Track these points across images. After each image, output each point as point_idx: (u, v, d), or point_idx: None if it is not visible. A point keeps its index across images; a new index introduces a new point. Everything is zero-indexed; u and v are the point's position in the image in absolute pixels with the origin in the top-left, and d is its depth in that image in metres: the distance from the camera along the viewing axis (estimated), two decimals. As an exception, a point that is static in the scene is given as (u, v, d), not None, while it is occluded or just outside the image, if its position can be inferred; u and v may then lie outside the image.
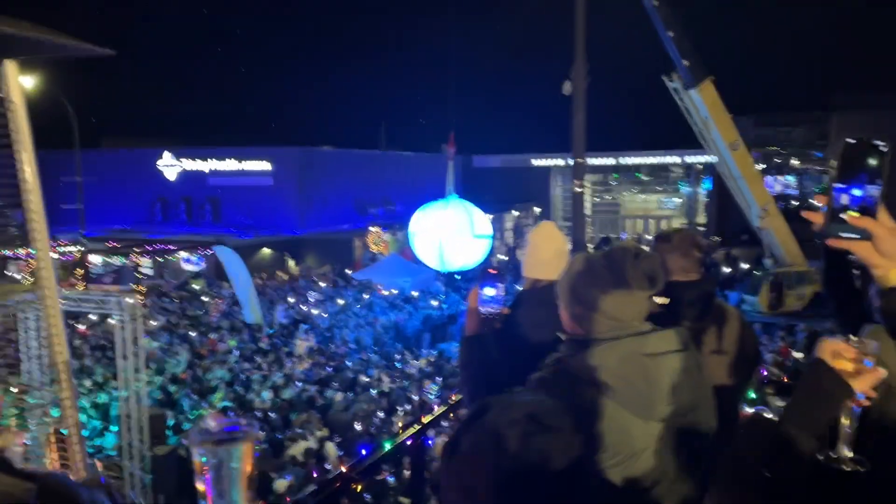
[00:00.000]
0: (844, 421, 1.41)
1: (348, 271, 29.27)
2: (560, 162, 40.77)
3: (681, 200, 44.38)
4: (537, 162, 43.28)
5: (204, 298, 23.92)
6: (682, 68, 19.54)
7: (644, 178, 45.15)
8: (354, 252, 32.18)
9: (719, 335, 2.40)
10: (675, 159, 41.36)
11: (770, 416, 1.82)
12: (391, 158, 39.74)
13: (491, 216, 38.64)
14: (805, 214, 1.36)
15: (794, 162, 42.73)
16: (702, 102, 19.94)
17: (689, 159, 39.91)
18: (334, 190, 34.87)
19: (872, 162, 1.19)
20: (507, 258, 34.12)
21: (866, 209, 1.21)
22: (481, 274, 2.36)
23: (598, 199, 45.89)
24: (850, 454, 1.40)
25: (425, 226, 12.07)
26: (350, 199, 35.81)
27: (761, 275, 23.64)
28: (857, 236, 1.22)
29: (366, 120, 60.16)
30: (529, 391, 1.73)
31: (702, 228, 41.73)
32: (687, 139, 24.13)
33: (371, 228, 32.87)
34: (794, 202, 37.93)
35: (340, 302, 22.44)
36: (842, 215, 1.21)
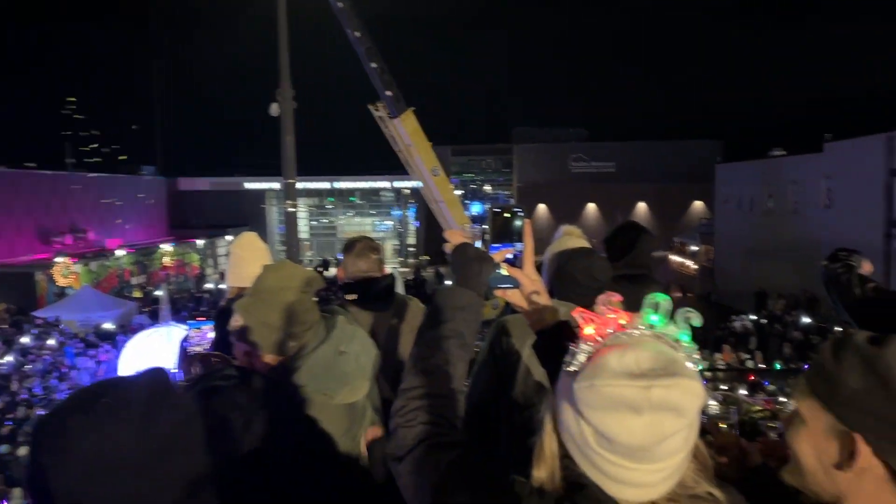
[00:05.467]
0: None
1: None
2: (275, 185, 40.36)
3: (392, 223, 46.73)
4: (250, 185, 42.34)
5: None
6: (386, 98, 20.75)
7: (358, 201, 46.73)
8: (37, 287, 28.11)
9: (401, 318, 2.93)
10: (386, 184, 43.54)
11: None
12: (79, 180, 35.46)
13: (203, 241, 36.78)
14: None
15: (487, 188, 47.73)
16: (404, 131, 21.35)
17: (398, 184, 42.28)
18: (10, 217, 30.18)
19: (516, 223, 1.47)
20: (224, 286, 32.63)
21: (514, 263, 1.48)
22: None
23: (315, 223, 46.36)
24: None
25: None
26: (30, 227, 31.27)
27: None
28: (510, 286, 1.51)
29: (46, 137, 53.09)
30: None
31: (412, 249, 44.46)
32: (396, 165, 25.64)
33: (57, 259, 29.04)
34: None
35: (25, 340, 19.45)
36: (499, 269, 1.46)
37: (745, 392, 8.45)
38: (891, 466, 1.08)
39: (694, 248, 38.90)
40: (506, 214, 1.47)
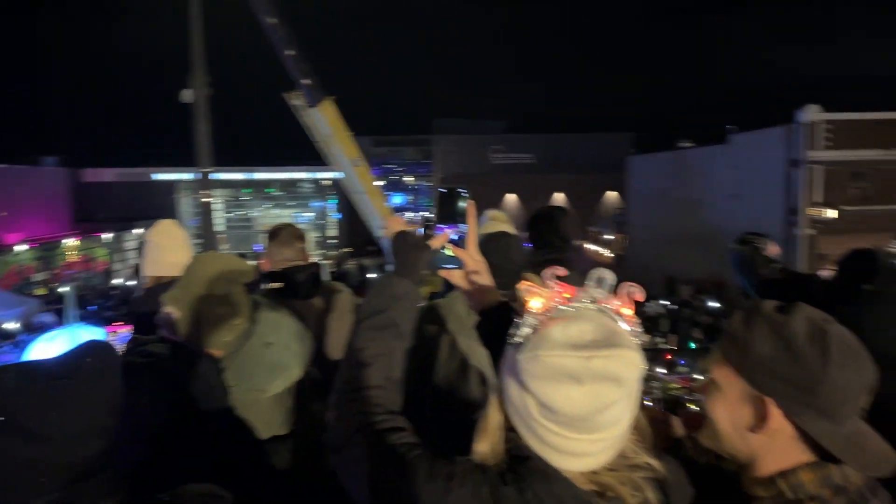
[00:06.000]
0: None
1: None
2: (186, 176, 38.94)
3: (312, 215, 45.99)
4: (160, 176, 40.68)
5: None
6: (304, 87, 20.30)
7: (276, 193, 45.69)
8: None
9: (329, 306, 2.91)
10: (305, 175, 42.75)
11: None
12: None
13: (110, 235, 35.11)
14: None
15: (409, 179, 47.63)
16: (323, 120, 20.97)
17: (318, 175, 41.61)
18: None
19: (461, 205, 1.47)
20: (134, 282, 31.32)
21: (458, 243, 1.49)
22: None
23: (231, 215, 45.01)
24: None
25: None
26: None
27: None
28: (454, 266, 1.50)
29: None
30: None
31: (333, 241, 43.88)
32: (315, 156, 25.18)
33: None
34: (409, 214, 42.11)
35: None
36: (443, 249, 1.47)
37: (663, 370, 8.78)
38: (799, 427, 1.15)
39: (609, 236, 40.13)
40: (451, 196, 1.48)
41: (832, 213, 22.25)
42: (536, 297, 1.09)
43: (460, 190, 1.50)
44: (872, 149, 22.60)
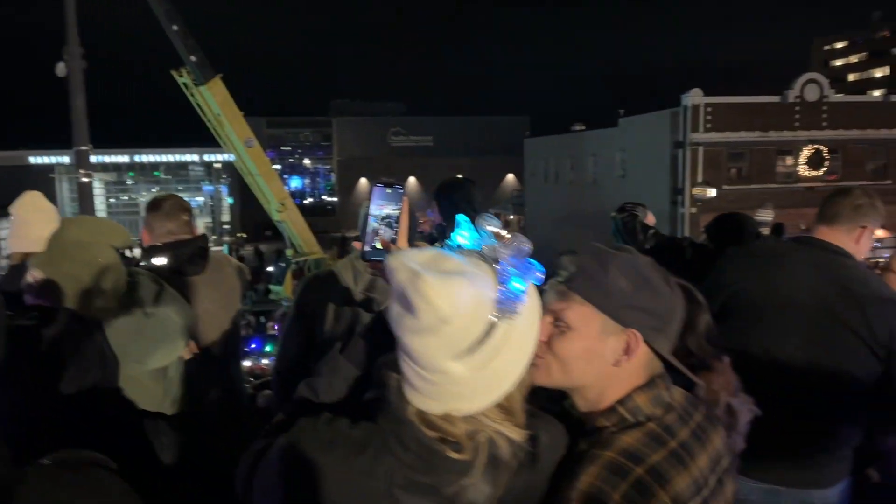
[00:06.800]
0: None
1: None
2: (65, 159, 36.48)
3: (204, 199, 44.24)
4: (36, 159, 37.92)
5: None
6: (191, 64, 19.40)
7: (163, 176, 43.56)
8: None
9: (218, 280, 2.78)
10: (194, 157, 40.97)
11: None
12: None
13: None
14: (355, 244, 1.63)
15: (306, 162, 46.66)
16: (213, 99, 20.13)
17: (208, 157, 40.00)
18: None
19: (394, 196, 1.45)
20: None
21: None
22: None
23: (114, 200, 42.56)
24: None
25: None
26: None
27: (284, 265, 25.23)
28: (383, 258, 1.46)
29: None
30: None
31: (227, 226, 42.42)
32: (206, 137, 24.14)
33: None
34: (309, 198, 41.36)
35: None
36: (373, 242, 1.45)
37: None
38: (655, 350, 1.24)
39: (508, 217, 41.03)
40: (387, 189, 1.47)
41: (712, 192, 23.66)
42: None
43: (397, 185, 1.49)
44: (749, 131, 24.16)
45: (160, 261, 2.64)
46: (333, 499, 1.06)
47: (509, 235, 1.08)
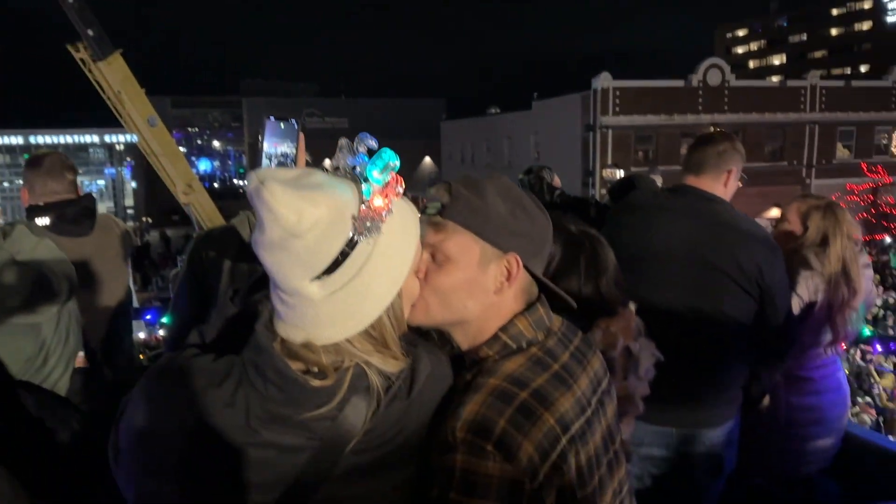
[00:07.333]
0: None
1: None
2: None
3: (105, 183, 42.10)
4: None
5: None
6: (88, 38, 18.31)
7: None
8: None
9: (105, 242, 2.69)
10: (94, 138, 38.87)
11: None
12: None
13: None
14: None
15: (215, 144, 45.09)
16: (112, 76, 19.10)
17: (110, 139, 38.06)
18: None
19: (289, 133, 1.39)
20: None
21: (286, 166, 1.40)
22: None
23: (7, 185, 39.90)
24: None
25: None
26: None
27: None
28: None
29: None
30: None
31: (131, 211, 40.54)
32: (107, 117, 22.90)
33: None
34: (218, 181, 40.01)
35: None
36: None
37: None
38: (532, 274, 1.23)
39: (425, 201, 41.06)
40: (281, 125, 1.42)
41: (620, 174, 24.37)
42: None
43: (292, 120, 1.42)
44: (656, 114, 25.01)
45: (43, 221, 2.47)
46: (193, 432, 0.99)
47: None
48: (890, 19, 62.54)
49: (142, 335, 7.29)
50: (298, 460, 1.00)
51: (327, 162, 1.08)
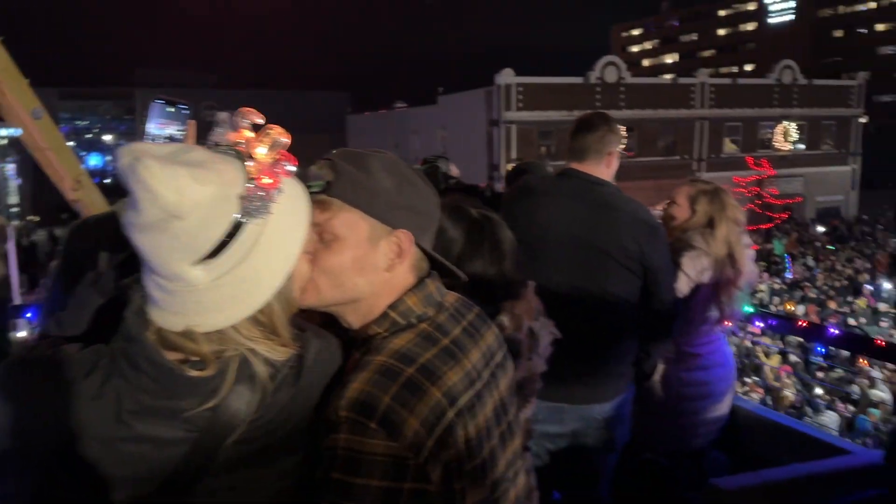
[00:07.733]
0: None
1: None
2: None
3: (-15, 179, 39.14)
4: None
5: None
6: (-41, 22, 16.94)
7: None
8: None
9: None
10: (-30, 132, 36.06)
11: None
12: None
13: None
14: None
15: (107, 137, 42.78)
16: (-10, 64, 17.76)
17: (-11, 132, 35.40)
18: None
19: (177, 116, 1.35)
20: None
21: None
22: None
23: None
24: None
25: None
26: None
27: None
28: None
29: None
30: None
31: (15, 209, 37.84)
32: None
33: None
34: (110, 177, 38.00)
35: None
36: None
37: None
38: (423, 249, 1.22)
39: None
40: (168, 108, 1.36)
41: (525, 168, 24.93)
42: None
43: (180, 104, 1.37)
44: (556, 110, 25.66)
45: None
46: (60, 427, 0.93)
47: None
48: (772, 21, 66.67)
49: (23, 333, 6.82)
50: (176, 453, 0.95)
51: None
